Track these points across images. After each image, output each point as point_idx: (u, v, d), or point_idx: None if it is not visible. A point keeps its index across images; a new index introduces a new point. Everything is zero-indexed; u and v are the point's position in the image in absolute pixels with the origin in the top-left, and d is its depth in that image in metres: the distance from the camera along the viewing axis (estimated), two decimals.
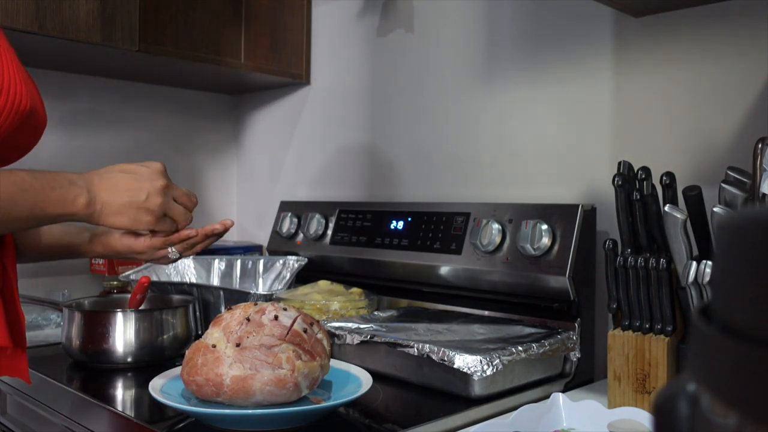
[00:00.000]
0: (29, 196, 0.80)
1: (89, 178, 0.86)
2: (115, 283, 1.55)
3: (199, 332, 1.27)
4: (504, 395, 0.97)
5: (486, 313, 1.25)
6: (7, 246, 0.94)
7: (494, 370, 0.92)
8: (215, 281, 1.57)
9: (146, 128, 1.87)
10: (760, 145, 0.83)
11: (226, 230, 1.04)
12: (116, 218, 0.86)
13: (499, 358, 0.93)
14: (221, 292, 1.36)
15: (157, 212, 0.89)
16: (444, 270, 1.26)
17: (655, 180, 0.97)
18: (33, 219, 0.82)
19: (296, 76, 1.77)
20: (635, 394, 0.94)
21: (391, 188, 1.58)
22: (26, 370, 0.96)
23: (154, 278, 1.45)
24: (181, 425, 0.87)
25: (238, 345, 0.84)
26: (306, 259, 1.52)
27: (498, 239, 1.17)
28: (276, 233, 1.65)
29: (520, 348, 0.97)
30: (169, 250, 0.98)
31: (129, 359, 1.14)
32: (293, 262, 1.54)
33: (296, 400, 0.85)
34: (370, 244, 1.40)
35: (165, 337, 1.17)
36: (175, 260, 1.02)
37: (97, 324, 1.14)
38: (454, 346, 0.97)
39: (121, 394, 1.07)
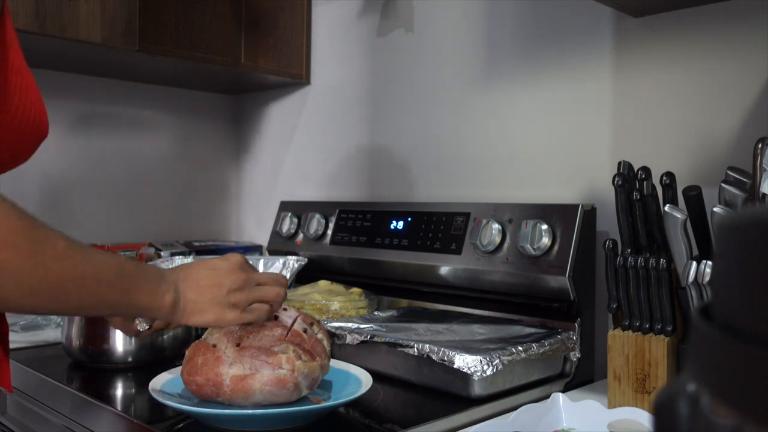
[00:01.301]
0: (125, 283, 0.75)
1: (176, 275, 0.82)
2: None
3: (199, 332, 1.27)
4: (504, 395, 0.97)
5: (486, 313, 1.25)
6: None
7: (494, 370, 0.92)
8: None
9: (146, 128, 1.87)
10: (760, 145, 0.83)
11: None
12: (201, 317, 0.82)
13: (499, 358, 0.93)
14: None
15: (243, 305, 0.84)
16: (444, 270, 1.26)
17: (655, 180, 0.97)
18: (121, 306, 0.77)
19: (296, 76, 1.77)
20: (635, 394, 0.94)
21: (391, 188, 1.58)
22: (8, 380, 0.95)
23: None
24: (181, 425, 0.87)
25: (238, 345, 0.84)
26: (306, 259, 1.52)
27: (498, 239, 1.17)
28: (276, 233, 1.65)
29: (520, 348, 0.97)
30: (137, 321, 0.91)
31: (129, 359, 1.14)
32: (293, 262, 1.54)
33: (296, 400, 0.85)
34: (370, 244, 1.40)
35: (165, 337, 1.17)
36: (146, 334, 0.94)
37: (97, 324, 1.14)
38: (454, 346, 0.97)
39: (121, 394, 1.07)
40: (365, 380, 0.92)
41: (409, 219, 1.35)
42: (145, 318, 0.91)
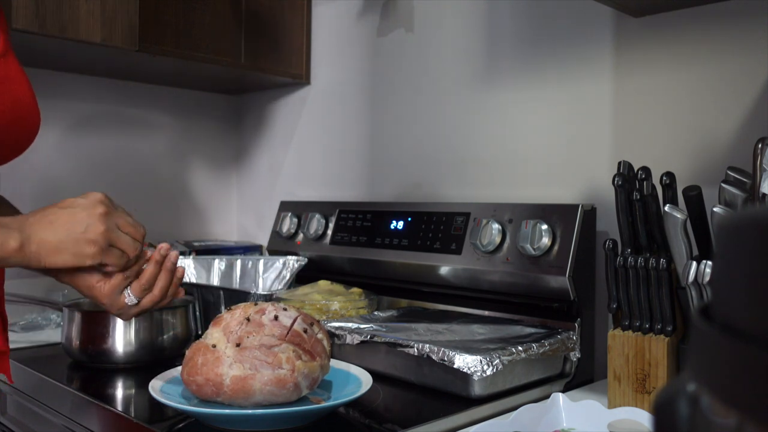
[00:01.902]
0: None
1: (23, 219, 0.79)
2: None
3: (199, 332, 1.27)
4: (504, 395, 0.97)
5: (486, 313, 1.25)
6: None
7: (494, 370, 0.92)
8: (215, 281, 1.57)
9: (146, 128, 1.87)
10: (760, 145, 0.83)
11: (167, 257, 0.93)
12: (57, 256, 0.79)
13: (499, 358, 0.93)
14: (221, 292, 1.36)
15: (101, 242, 0.80)
16: (444, 270, 1.26)
17: (655, 180, 0.97)
18: None
19: (296, 76, 1.77)
20: (635, 394, 0.94)
21: (391, 188, 1.58)
22: (8, 369, 0.95)
23: None
24: (181, 425, 0.87)
25: (238, 345, 0.84)
26: (306, 259, 1.52)
27: (498, 239, 1.17)
28: (276, 233, 1.65)
29: (520, 348, 0.97)
30: (126, 294, 0.90)
31: (129, 359, 1.14)
32: (293, 262, 1.54)
33: (296, 400, 0.85)
34: (370, 244, 1.40)
35: (165, 337, 1.17)
36: (134, 312, 0.93)
37: (97, 324, 1.14)
38: (454, 346, 0.97)
39: (121, 394, 1.07)
40: (365, 380, 0.92)
41: (409, 219, 1.35)
42: (129, 291, 0.90)
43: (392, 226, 1.38)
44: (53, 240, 0.78)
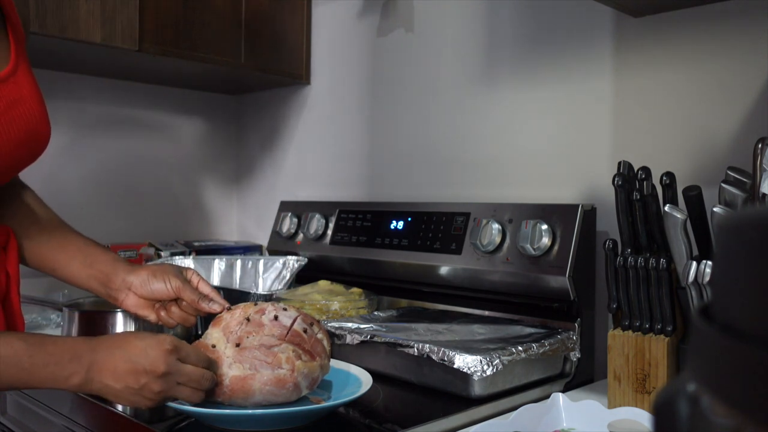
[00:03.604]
0: (18, 373, 0.74)
1: (92, 356, 0.78)
2: None
3: (199, 332, 1.27)
4: (504, 395, 0.97)
5: (486, 313, 1.25)
6: (11, 253, 0.94)
7: (494, 370, 0.92)
8: (215, 281, 1.57)
9: (146, 128, 1.87)
10: (760, 145, 0.83)
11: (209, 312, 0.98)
12: (116, 400, 0.81)
13: (499, 358, 0.93)
14: (221, 292, 1.36)
15: (157, 400, 0.80)
16: (444, 270, 1.26)
17: (655, 180, 0.97)
18: (26, 385, 0.77)
19: (296, 76, 1.77)
20: (635, 394, 0.94)
21: (391, 188, 1.58)
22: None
23: None
24: (181, 425, 0.87)
25: (237, 345, 0.84)
26: (306, 259, 1.52)
27: (498, 239, 1.17)
28: (276, 233, 1.65)
29: (520, 348, 0.97)
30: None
31: None
32: (293, 262, 1.54)
33: (296, 400, 0.85)
34: (370, 244, 1.40)
35: None
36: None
37: (97, 324, 1.14)
38: (454, 346, 0.97)
39: None
40: (365, 380, 0.92)
41: (409, 219, 1.35)
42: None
43: (392, 226, 1.38)
44: (113, 388, 0.78)
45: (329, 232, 1.51)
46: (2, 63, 0.86)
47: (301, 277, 1.51)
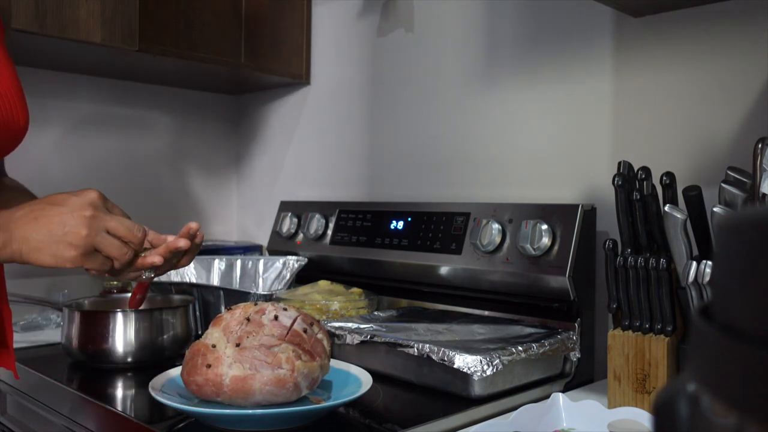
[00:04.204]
0: None
1: (11, 214, 0.77)
2: (115, 283, 1.55)
3: (199, 332, 1.27)
4: (504, 395, 0.97)
5: (486, 313, 1.25)
6: None
7: (494, 370, 0.92)
8: (215, 281, 1.57)
9: (146, 128, 1.87)
10: (760, 145, 0.83)
11: (193, 239, 0.93)
12: (37, 255, 0.75)
13: (499, 358, 0.93)
14: (221, 292, 1.36)
15: (81, 246, 0.76)
16: (444, 270, 1.26)
17: (655, 180, 0.97)
18: None
19: (296, 76, 1.77)
20: (635, 394, 0.94)
21: (391, 188, 1.58)
22: (13, 363, 0.95)
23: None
24: (181, 425, 0.87)
25: (238, 345, 0.84)
26: (306, 259, 1.52)
27: (498, 239, 1.17)
28: (276, 233, 1.65)
29: (520, 348, 0.97)
30: (143, 273, 0.89)
31: (129, 359, 1.14)
32: (293, 262, 1.54)
33: (296, 400, 0.85)
34: (370, 244, 1.40)
35: (165, 337, 1.17)
36: (149, 280, 0.93)
37: (97, 324, 1.14)
38: (454, 346, 0.97)
39: (121, 394, 1.07)
40: (365, 380, 0.92)
41: (409, 219, 1.35)
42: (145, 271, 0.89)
43: (392, 226, 1.38)
44: (34, 239, 0.75)
45: (329, 232, 1.51)
46: None
47: (301, 277, 1.51)
